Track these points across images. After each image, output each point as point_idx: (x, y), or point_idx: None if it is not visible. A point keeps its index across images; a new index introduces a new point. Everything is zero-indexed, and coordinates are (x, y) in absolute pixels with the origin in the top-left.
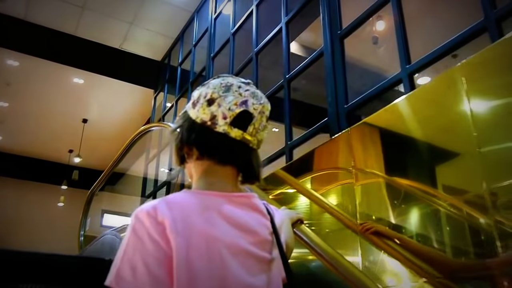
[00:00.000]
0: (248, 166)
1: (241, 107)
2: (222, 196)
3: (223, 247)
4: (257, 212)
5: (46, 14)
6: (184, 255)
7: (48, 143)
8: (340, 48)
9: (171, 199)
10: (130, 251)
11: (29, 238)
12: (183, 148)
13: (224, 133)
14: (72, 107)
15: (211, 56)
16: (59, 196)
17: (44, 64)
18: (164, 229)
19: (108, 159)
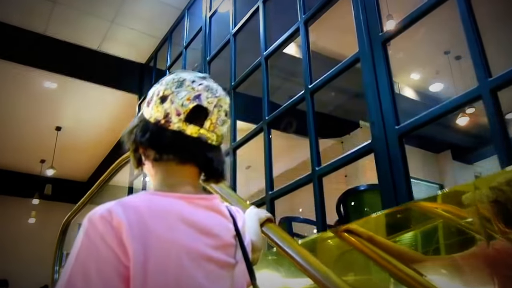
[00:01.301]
0: (209, 164)
1: (194, 102)
2: (182, 198)
3: (182, 252)
4: (219, 214)
5: (9, 10)
6: (141, 261)
7: (18, 153)
8: (383, 53)
9: (127, 202)
10: (82, 257)
11: None
12: (138, 149)
13: (179, 131)
14: (43, 114)
15: (207, 60)
16: (30, 211)
17: (10, 67)
18: (120, 234)
19: (84, 169)
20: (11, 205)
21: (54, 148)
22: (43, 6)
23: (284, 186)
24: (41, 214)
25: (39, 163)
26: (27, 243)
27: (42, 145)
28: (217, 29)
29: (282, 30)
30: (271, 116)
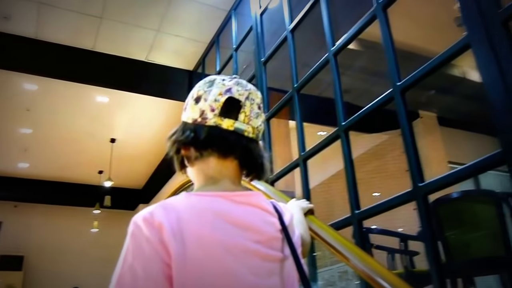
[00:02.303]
0: (249, 157)
1: (225, 95)
2: (220, 196)
3: (223, 248)
4: (260, 209)
5: (59, 29)
6: (182, 259)
7: (77, 166)
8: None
9: (167, 203)
10: (129, 258)
11: (63, 266)
12: (180, 151)
13: (215, 126)
14: (98, 127)
15: (261, 61)
16: (92, 219)
17: (63, 85)
18: (161, 234)
19: (139, 177)
20: (74, 215)
21: (110, 159)
22: (91, 23)
23: (376, 205)
24: (102, 222)
25: (97, 174)
26: (93, 250)
27: (99, 157)
28: (268, 28)
29: (344, 22)
30: (350, 121)
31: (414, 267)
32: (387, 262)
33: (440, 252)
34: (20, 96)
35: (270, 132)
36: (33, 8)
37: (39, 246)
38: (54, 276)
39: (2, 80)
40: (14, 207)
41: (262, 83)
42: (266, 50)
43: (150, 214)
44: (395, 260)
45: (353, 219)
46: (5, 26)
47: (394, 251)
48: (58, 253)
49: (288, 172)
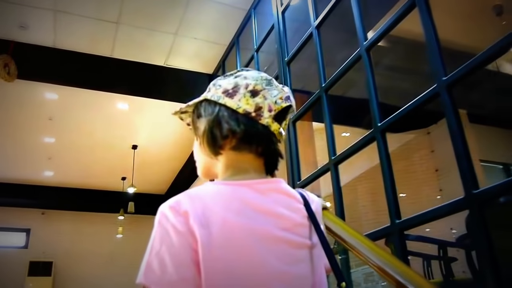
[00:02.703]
0: (275, 158)
1: (286, 102)
2: (246, 184)
3: (249, 234)
4: (287, 196)
5: (76, 37)
6: (208, 245)
7: (100, 173)
8: None
9: (193, 192)
10: (157, 245)
11: (91, 271)
12: (220, 138)
13: (267, 125)
14: (119, 134)
15: (285, 61)
16: (117, 225)
17: (83, 93)
18: (187, 222)
19: (162, 182)
20: (99, 221)
21: (133, 165)
22: (107, 29)
23: (420, 214)
24: (127, 227)
25: (121, 180)
26: (118, 255)
27: (121, 164)
28: (291, 26)
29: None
30: (388, 121)
31: (453, 275)
32: (423, 270)
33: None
34: (42, 105)
35: (296, 135)
36: (49, 16)
37: (67, 251)
38: (82, 281)
39: (24, 90)
40: (42, 214)
41: (287, 84)
42: (289, 49)
43: (176, 202)
44: (430, 267)
45: (393, 229)
46: (23, 36)
47: (430, 258)
48: (85, 258)
49: (317, 177)
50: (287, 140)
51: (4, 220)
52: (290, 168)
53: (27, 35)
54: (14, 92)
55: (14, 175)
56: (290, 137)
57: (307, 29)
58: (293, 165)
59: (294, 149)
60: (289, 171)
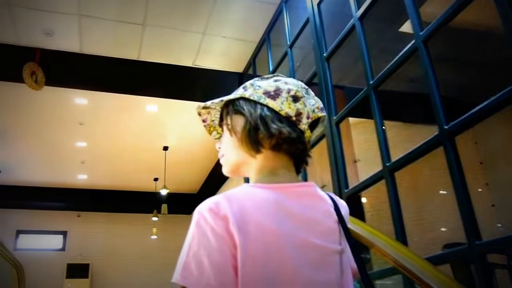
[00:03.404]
0: (302, 158)
1: (322, 112)
2: (281, 188)
3: (284, 241)
4: (319, 200)
5: (102, 41)
6: (246, 250)
7: (132, 175)
8: None
9: (231, 195)
10: (195, 247)
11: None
12: (265, 136)
13: (303, 131)
14: (150, 136)
15: (323, 56)
16: (151, 225)
17: (112, 97)
18: (226, 225)
19: (194, 182)
20: (134, 222)
21: (165, 167)
22: (133, 31)
23: None
24: (161, 227)
25: (153, 181)
26: (153, 256)
27: (153, 165)
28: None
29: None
30: (457, 123)
31: None
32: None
33: None
34: (72, 111)
35: (341, 139)
36: (74, 21)
37: (103, 253)
38: (118, 283)
39: (55, 96)
40: (78, 217)
41: (327, 81)
42: (328, 44)
43: (215, 204)
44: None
45: (472, 252)
46: (49, 43)
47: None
48: (120, 259)
49: (368, 186)
50: (330, 144)
51: (42, 223)
52: (336, 176)
53: (53, 42)
54: (44, 99)
55: (50, 179)
56: (333, 141)
57: (345, 22)
58: (338, 172)
59: (339, 155)
60: (335, 179)
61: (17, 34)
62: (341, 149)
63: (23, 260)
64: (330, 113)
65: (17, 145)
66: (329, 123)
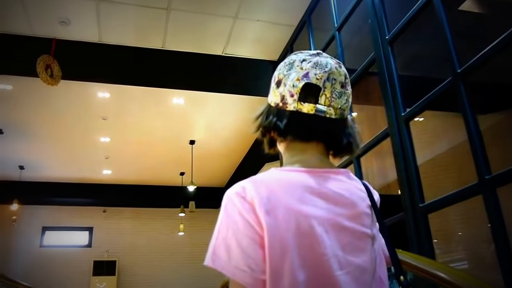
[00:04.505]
0: (333, 139)
1: (302, 81)
2: (310, 171)
3: (315, 223)
4: (351, 185)
5: (122, 29)
6: (274, 233)
7: (158, 170)
8: None
9: (258, 178)
10: (223, 231)
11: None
12: (266, 134)
13: (296, 111)
14: (176, 130)
15: (386, 39)
16: (177, 220)
17: (135, 90)
18: (253, 208)
19: (222, 175)
20: (160, 217)
21: (192, 162)
22: (157, 17)
23: None
24: (188, 222)
25: (179, 175)
26: (180, 251)
27: (179, 159)
28: None
29: None
30: None
31: None
32: None
33: None
34: (94, 105)
35: (411, 137)
36: (91, 7)
37: (129, 249)
38: (146, 279)
39: (77, 91)
40: (103, 212)
41: (391, 69)
42: (389, 26)
43: (242, 188)
44: None
45: None
46: (65, 32)
47: None
48: (147, 255)
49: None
50: (397, 146)
51: (68, 219)
52: (406, 186)
53: (70, 31)
54: (65, 93)
55: (74, 175)
56: (402, 142)
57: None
58: (410, 181)
59: (410, 159)
60: (405, 189)
61: (30, 23)
62: (412, 152)
63: (49, 257)
64: (396, 108)
65: (40, 142)
66: (394, 120)
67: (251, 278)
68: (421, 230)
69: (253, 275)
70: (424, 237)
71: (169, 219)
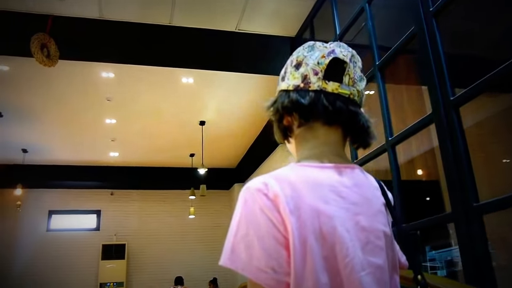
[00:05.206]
0: (355, 122)
1: (329, 57)
2: (330, 167)
3: (337, 224)
4: (367, 182)
5: (127, 3)
6: (298, 233)
7: (166, 151)
8: None
9: (281, 175)
10: (243, 228)
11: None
12: (283, 119)
13: (320, 90)
14: (186, 110)
15: (430, 12)
16: (187, 202)
17: (141, 70)
18: (277, 207)
19: (232, 156)
20: (169, 199)
21: (202, 143)
22: None
23: None
24: (198, 204)
25: (189, 157)
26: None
27: (188, 140)
28: None
29: None
30: None
31: None
32: None
33: None
34: (99, 86)
35: (462, 127)
36: None
37: (139, 232)
38: (156, 263)
39: (78, 70)
40: (111, 195)
41: (437, 46)
42: None
43: (264, 184)
44: None
45: None
46: (62, 8)
47: None
48: (157, 238)
49: None
50: (444, 134)
51: (74, 202)
52: (457, 181)
53: (68, 7)
54: (64, 73)
55: (80, 157)
56: (452, 132)
57: None
58: (460, 176)
59: (462, 152)
60: (455, 185)
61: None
62: (464, 143)
63: (56, 241)
64: (443, 91)
65: (43, 124)
66: (441, 105)
67: (274, 280)
68: (474, 234)
69: (276, 277)
70: (478, 241)
71: (179, 201)
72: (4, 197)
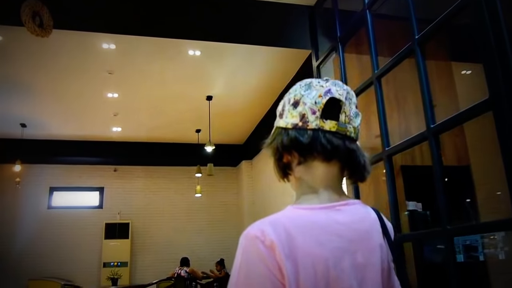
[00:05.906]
0: (353, 158)
1: (326, 96)
2: (327, 208)
3: (332, 264)
4: (365, 218)
5: None
6: (295, 278)
7: (172, 126)
8: None
9: (276, 220)
10: (243, 275)
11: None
12: (282, 158)
13: (318, 128)
14: (192, 84)
15: None
16: (193, 179)
17: (145, 41)
18: (273, 254)
19: (240, 132)
20: (174, 176)
21: (209, 119)
22: None
23: None
24: (204, 181)
25: (195, 133)
26: (196, 212)
27: (194, 116)
28: None
29: None
30: None
31: None
32: None
33: None
34: (100, 58)
35: None
36: None
37: (143, 211)
38: (160, 242)
39: (76, 41)
40: (114, 171)
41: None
42: None
43: (260, 231)
44: None
45: None
46: None
47: None
48: (162, 217)
49: None
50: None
51: (76, 179)
52: None
53: None
54: (62, 44)
55: (81, 132)
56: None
57: None
58: None
59: None
60: None
61: None
62: None
63: (58, 219)
64: (506, 71)
65: (41, 98)
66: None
67: None
68: None
69: None
70: None
71: (184, 177)
72: (3, 173)
